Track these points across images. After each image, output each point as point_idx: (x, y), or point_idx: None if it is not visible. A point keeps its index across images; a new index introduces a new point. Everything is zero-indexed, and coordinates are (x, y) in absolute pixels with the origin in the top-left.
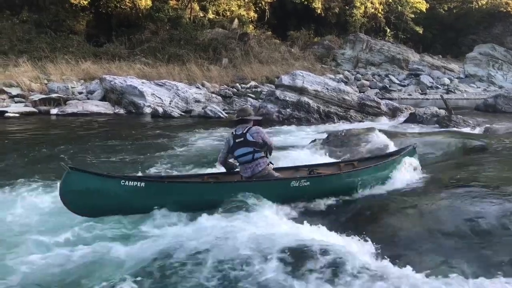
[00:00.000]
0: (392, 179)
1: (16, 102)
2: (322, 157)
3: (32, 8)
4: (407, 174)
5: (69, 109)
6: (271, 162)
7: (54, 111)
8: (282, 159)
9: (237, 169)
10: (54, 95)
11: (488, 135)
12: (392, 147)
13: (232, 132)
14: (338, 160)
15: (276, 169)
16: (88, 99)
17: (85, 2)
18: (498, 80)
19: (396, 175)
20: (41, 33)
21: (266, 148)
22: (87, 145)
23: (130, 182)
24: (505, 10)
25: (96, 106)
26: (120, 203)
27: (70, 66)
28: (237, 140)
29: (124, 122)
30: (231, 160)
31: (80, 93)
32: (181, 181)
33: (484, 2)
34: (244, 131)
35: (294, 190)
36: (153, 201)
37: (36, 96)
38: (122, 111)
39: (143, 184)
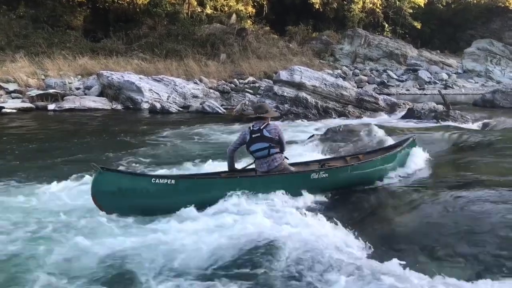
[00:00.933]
0: (402, 169)
1: (13, 98)
2: (320, 153)
3: (29, 3)
4: (415, 163)
5: (66, 104)
6: (286, 157)
7: (51, 106)
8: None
9: (251, 166)
10: (51, 91)
11: (486, 131)
12: (390, 142)
13: (249, 127)
14: (344, 155)
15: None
16: (86, 94)
17: None
18: (496, 75)
19: (406, 164)
20: (38, 28)
21: (281, 145)
22: (84, 141)
23: (160, 180)
24: (503, 5)
25: (94, 101)
26: (151, 201)
27: (67, 61)
28: (253, 136)
29: (121, 118)
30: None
31: (78, 88)
32: (210, 177)
33: None
34: (261, 127)
35: (314, 182)
36: (183, 198)
37: (33, 92)
38: (119, 106)
39: (173, 181)
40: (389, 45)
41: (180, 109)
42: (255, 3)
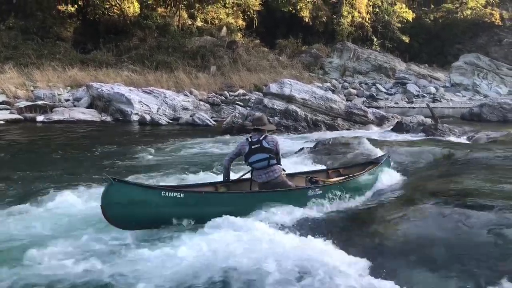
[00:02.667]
0: (377, 186)
1: (1, 109)
2: (310, 165)
3: (18, 15)
4: (387, 181)
5: (55, 116)
6: (283, 169)
7: (40, 118)
8: None
9: (246, 176)
10: (40, 102)
11: (473, 144)
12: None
13: (247, 139)
14: (325, 168)
15: None
16: (75, 106)
17: (73, 9)
18: (483, 89)
19: (380, 182)
20: (27, 39)
21: (277, 157)
22: (73, 153)
23: (170, 193)
24: (489, 21)
25: (83, 113)
26: (160, 214)
27: (56, 73)
28: (253, 147)
29: (110, 129)
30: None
31: (67, 100)
32: (218, 192)
33: (469, 13)
34: (260, 138)
35: (311, 199)
36: (191, 212)
37: (22, 103)
38: (109, 118)
39: (182, 195)
40: (378, 58)
41: (170, 121)
42: (245, 16)
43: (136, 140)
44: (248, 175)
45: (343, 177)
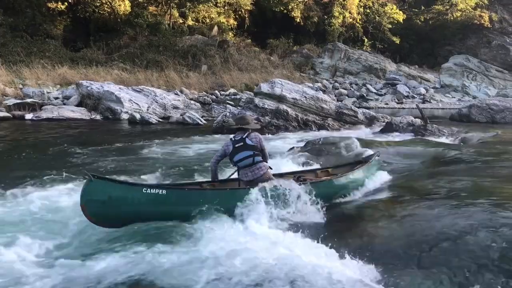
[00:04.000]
0: (365, 185)
1: None
2: (300, 165)
3: (7, 11)
4: (377, 180)
5: (44, 114)
6: (270, 167)
7: (29, 116)
8: None
9: (234, 175)
10: (29, 100)
11: (462, 145)
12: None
13: (231, 138)
14: (314, 167)
15: None
16: (64, 104)
17: (63, 7)
18: (472, 91)
19: (370, 181)
20: (16, 36)
21: (263, 154)
22: (61, 151)
23: (152, 189)
24: (478, 22)
25: (72, 111)
26: (142, 212)
27: (46, 70)
28: (236, 145)
29: (100, 128)
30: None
31: (56, 98)
32: (201, 188)
33: (459, 14)
34: (243, 136)
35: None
36: (173, 209)
37: (11, 101)
38: (98, 117)
39: (164, 191)
40: (369, 59)
41: (160, 119)
42: (236, 16)
43: (125, 139)
44: (236, 175)
45: (330, 176)
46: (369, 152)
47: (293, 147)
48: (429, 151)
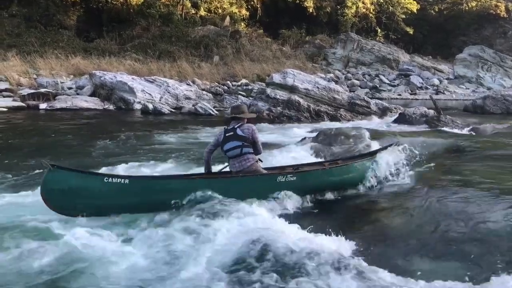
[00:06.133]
0: (375, 176)
1: (4, 97)
2: (311, 155)
3: (21, 2)
4: (389, 170)
5: (58, 104)
6: (260, 160)
7: (43, 106)
8: (272, 157)
9: (227, 168)
10: (43, 90)
11: (476, 136)
12: (379, 146)
13: (225, 127)
14: (322, 160)
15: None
16: (78, 94)
17: None
18: (487, 82)
19: (378, 172)
20: (30, 27)
21: (255, 146)
22: (75, 141)
23: (113, 179)
24: (494, 12)
25: (86, 101)
26: (104, 202)
27: (59, 61)
28: (227, 134)
29: (113, 118)
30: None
31: (70, 88)
32: (166, 176)
33: (474, 4)
34: (235, 126)
35: (280, 186)
36: (138, 199)
37: (25, 91)
38: (111, 107)
39: (127, 181)
40: (382, 50)
41: (173, 110)
42: (249, 6)
43: (138, 129)
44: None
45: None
46: (383, 143)
47: (304, 138)
48: (442, 142)
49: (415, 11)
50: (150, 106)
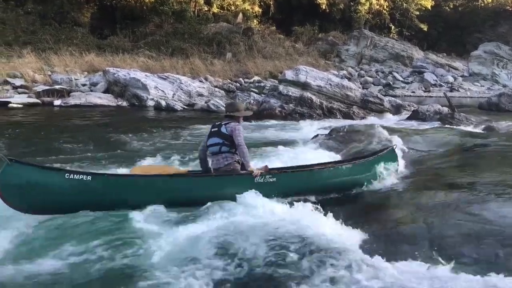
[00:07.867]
0: (368, 180)
1: (19, 93)
2: (324, 153)
3: (37, 0)
4: (383, 176)
5: (72, 100)
6: (238, 161)
7: (57, 102)
8: (284, 154)
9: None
10: (57, 87)
11: (490, 134)
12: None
13: (214, 123)
14: (329, 161)
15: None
16: (91, 91)
17: None
18: (502, 79)
19: (372, 176)
20: (45, 24)
21: (234, 145)
22: (88, 137)
23: (75, 175)
24: (511, 9)
25: (99, 98)
26: (65, 198)
27: (74, 58)
28: (212, 130)
29: (126, 114)
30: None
31: (84, 85)
32: (131, 174)
33: (490, 1)
34: (222, 123)
35: (258, 187)
36: (101, 197)
37: (40, 88)
38: (125, 103)
39: (89, 177)
40: (395, 47)
41: (185, 107)
42: (261, 3)
43: (151, 125)
44: None
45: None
46: (391, 143)
47: (317, 135)
48: (455, 139)
49: (429, 7)
50: (163, 103)
